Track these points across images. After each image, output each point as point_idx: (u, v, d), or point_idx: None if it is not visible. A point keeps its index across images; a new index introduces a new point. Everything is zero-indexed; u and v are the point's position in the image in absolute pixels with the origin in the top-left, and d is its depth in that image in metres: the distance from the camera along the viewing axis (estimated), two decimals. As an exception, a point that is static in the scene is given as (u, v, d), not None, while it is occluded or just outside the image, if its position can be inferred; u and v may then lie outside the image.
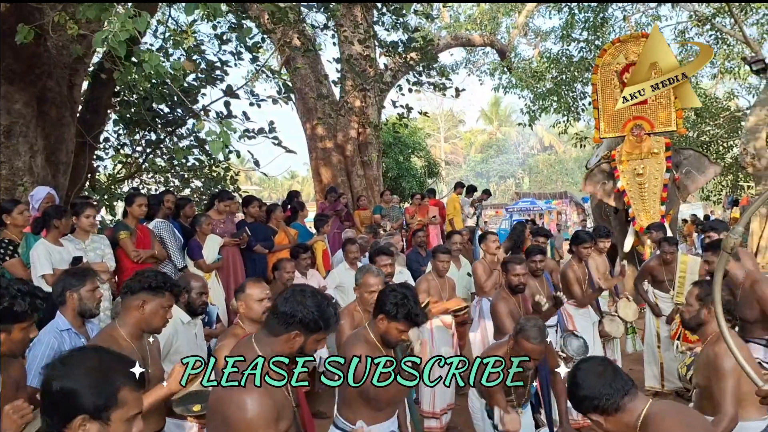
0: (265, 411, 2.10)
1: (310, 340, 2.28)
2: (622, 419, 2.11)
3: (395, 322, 3.01)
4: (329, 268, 7.52)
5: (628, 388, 2.14)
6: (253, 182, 43.08)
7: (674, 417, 2.06)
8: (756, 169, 10.99)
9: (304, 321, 2.24)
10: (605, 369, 2.19)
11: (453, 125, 52.77)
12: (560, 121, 15.68)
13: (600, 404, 2.11)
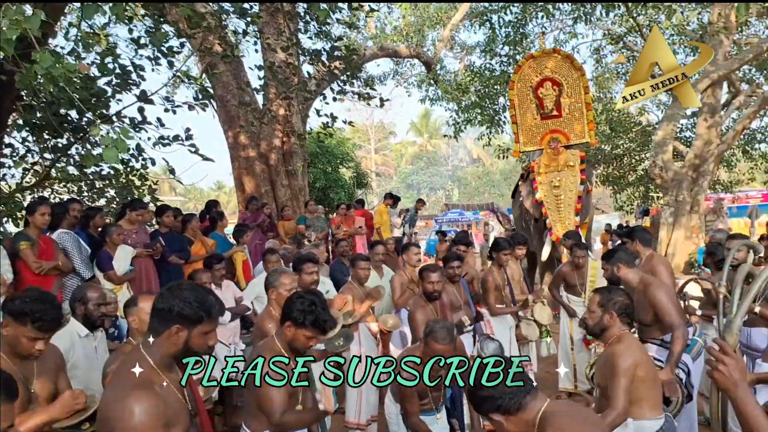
0: (151, 416, 2.02)
1: (194, 333, 2.20)
2: (523, 418, 2.11)
3: (303, 329, 2.99)
4: (250, 279, 7.38)
5: (529, 387, 2.14)
6: (178, 193, 41.96)
7: (569, 415, 2.09)
8: (663, 180, 11.57)
9: (182, 313, 2.17)
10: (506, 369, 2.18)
11: (384, 137, 53.14)
12: (484, 134, 16.04)
13: (503, 404, 2.10)
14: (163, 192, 40.29)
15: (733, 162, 17.79)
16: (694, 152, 11.64)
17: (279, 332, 3.09)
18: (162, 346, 2.20)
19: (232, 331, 6.19)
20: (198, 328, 2.20)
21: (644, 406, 3.23)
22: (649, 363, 3.34)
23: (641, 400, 3.22)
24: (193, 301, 2.20)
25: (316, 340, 3.08)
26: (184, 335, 2.19)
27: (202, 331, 2.22)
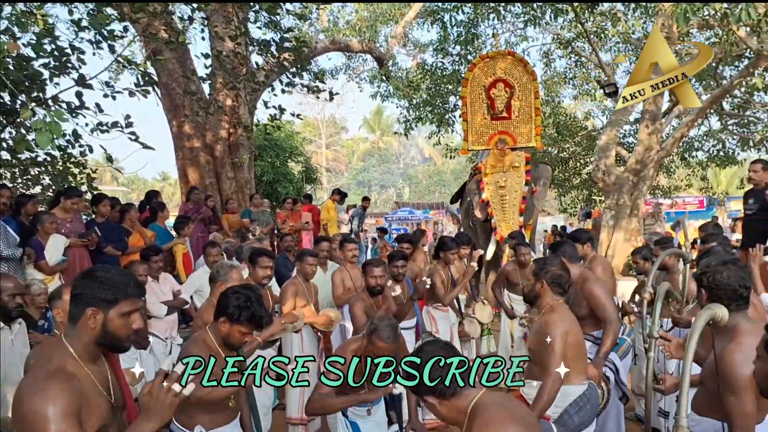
0: (58, 408, 1.93)
1: (111, 315, 2.11)
2: (456, 404, 2.14)
3: (238, 325, 2.94)
4: (191, 273, 7.22)
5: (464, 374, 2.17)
6: (120, 183, 40.82)
7: (499, 406, 2.11)
8: (606, 184, 11.87)
9: (95, 295, 2.10)
10: (447, 353, 2.19)
11: (335, 132, 52.92)
12: (435, 133, 16.14)
13: (439, 386, 2.12)
14: (105, 182, 39.12)
15: (672, 168, 18.40)
16: (635, 158, 11.97)
17: (213, 327, 3.04)
18: (81, 333, 2.12)
19: (169, 325, 6.04)
20: (114, 309, 2.11)
21: (570, 373, 3.36)
22: (579, 333, 3.49)
23: (568, 368, 3.34)
24: (105, 281, 2.12)
25: (251, 336, 3.04)
26: (100, 318, 2.10)
27: (120, 313, 2.12)
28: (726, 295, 2.64)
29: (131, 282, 2.20)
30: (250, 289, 3.08)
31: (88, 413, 2.04)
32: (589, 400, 3.43)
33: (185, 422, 2.95)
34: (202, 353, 2.90)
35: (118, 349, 2.23)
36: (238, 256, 7.08)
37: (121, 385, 2.29)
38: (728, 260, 2.76)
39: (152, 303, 5.75)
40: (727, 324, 2.61)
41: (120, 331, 2.14)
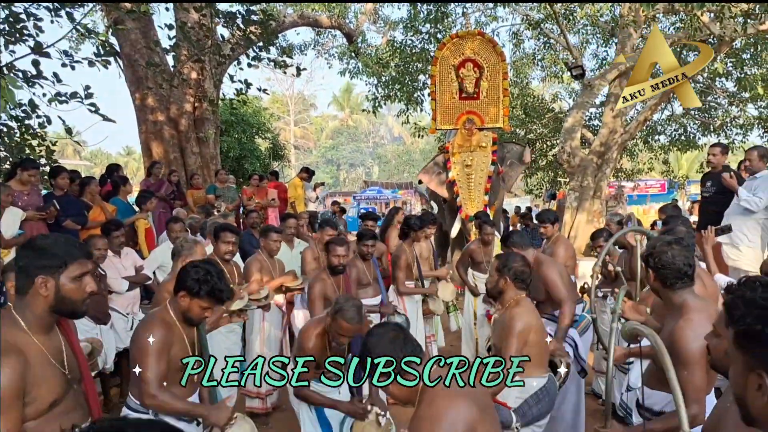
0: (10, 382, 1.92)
1: (63, 281, 2.11)
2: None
3: (198, 299, 2.91)
4: (153, 248, 7.12)
5: (417, 353, 2.21)
6: (83, 157, 39.89)
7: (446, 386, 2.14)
8: (570, 166, 12.01)
9: (41, 263, 2.08)
10: (397, 335, 2.23)
11: (304, 109, 52.41)
12: (404, 111, 16.10)
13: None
14: (67, 156, 38.19)
15: (635, 152, 18.70)
16: (599, 140, 12.12)
17: (173, 301, 3.00)
18: (32, 304, 2.10)
19: (131, 301, 5.97)
20: (65, 273, 2.11)
21: (530, 366, 3.43)
22: (541, 328, 3.57)
23: (530, 361, 3.41)
24: (49, 248, 2.11)
25: (211, 311, 3.01)
26: (52, 285, 2.09)
27: (71, 276, 2.12)
28: (671, 274, 2.72)
29: (75, 245, 2.19)
30: (211, 264, 3.05)
31: (38, 388, 2.02)
32: (548, 393, 3.53)
33: (139, 396, 2.90)
34: (159, 329, 2.87)
35: (74, 314, 2.22)
36: (202, 232, 7.00)
37: (77, 356, 2.27)
38: (672, 240, 2.84)
39: (113, 278, 5.67)
40: (674, 302, 2.74)
41: (74, 294, 2.13)
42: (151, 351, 2.79)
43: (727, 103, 15.60)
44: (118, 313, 5.79)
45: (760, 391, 1.18)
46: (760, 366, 1.18)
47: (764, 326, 1.17)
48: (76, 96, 6.46)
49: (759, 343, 1.18)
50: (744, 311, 1.22)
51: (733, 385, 1.30)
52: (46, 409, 2.06)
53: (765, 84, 12.70)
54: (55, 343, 2.18)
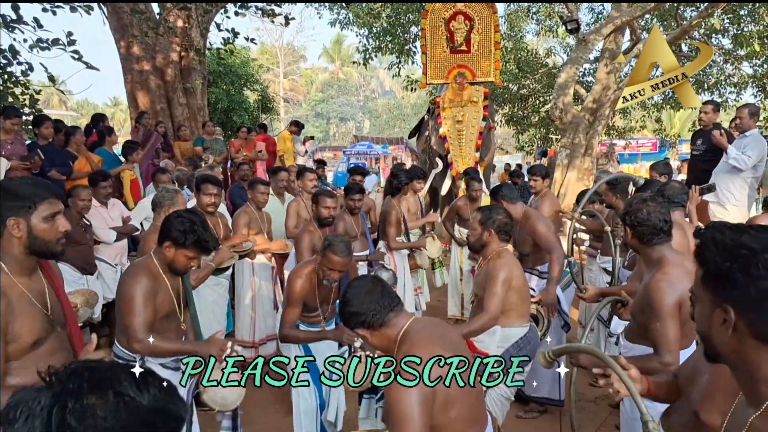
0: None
1: (34, 221, 2.11)
2: (386, 334, 2.22)
3: (184, 249, 2.90)
4: (139, 199, 7.06)
5: (394, 304, 2.25)
6: (69, 107, 39.22)
7: (426, 330, 2.20)
8: (562, 123, 11.92)
9: (9, 206, 2.09)
10: (374, 287, 2.26)
11: (294, 60, 51.54)
12: (395, 63, 15.84)
13: (367, 320, 2.20)
14: (52, 105, 37.52)
15: (627, 109, 18.58)
16: (592, 96, 12.00)
17: (157, 252, 2.98)
18: (7, 246, 2.11)
19: (118, 251, 5.96)
20: (35, 214, 2.11)
21: (512, 315, 3.56)
22: (522, 278, 3.64)
23: (510, 311, 3.54)
24: (15, 190, 2.11)
25: (197, 261, 3.00)
26: (23, 226, 2.10)
27: (42, 216, 2.12)
28: (647, 230, 2.77)
29: (41, 185, 2.19)
30: (195, 214, 3.03)
31: (18, 327, 2.06)
32: (529, 342, 3.61)
33: (125, 344, 2.92)
34: (144, 278, 2.88)
35: (51, 254, 2.23)
36: (189, 185, 6.94)
37: (60, 299, 2.29)
38: (648, 197, 2.87)
39: (100, 228, 5.64)
40: (652, 258, 2.79)
41: (47, 235, 2.13)
42: (136, 298, 2.81)
43: (722, 60, 15.45)
44: (106, 263, 5.79)
45: (724, 326, 1.27)
46: (725, 301, 1.26)
47: (732, 264, 1.24)
48: (58, 43, 6.30)
49: (726, 281, 1.26)
50: (713, 252, 1.29)
51: (698, 323, 1.38)
52: (27, 349, 2.09)
53: (762, 41, 12.57)
54: (37, 285, 2.20)
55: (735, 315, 1.24)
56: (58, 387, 0.85)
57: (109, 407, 0.84)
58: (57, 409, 0.82)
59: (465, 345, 2.42)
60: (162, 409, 0.90)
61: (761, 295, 1.20)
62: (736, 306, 1.24)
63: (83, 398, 0.84)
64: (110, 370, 0.89)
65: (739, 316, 1.24)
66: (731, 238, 1.27)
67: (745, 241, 1.24)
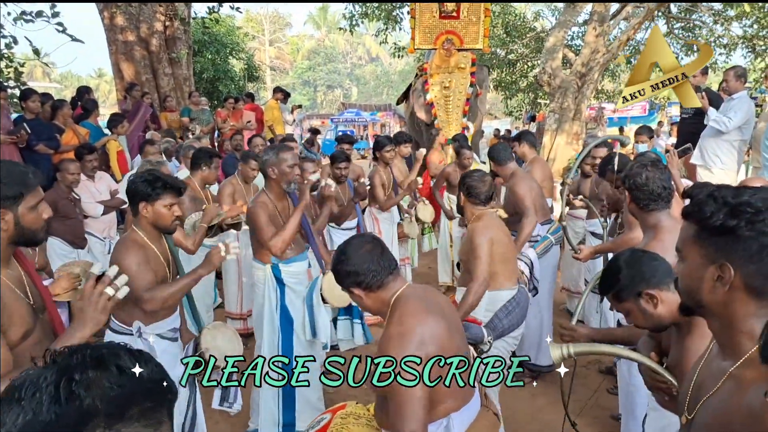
0: None
1: (22, 212, 2.02)
2: (380, 297, 2.18)
3: (158, 200, 2.86)
4: (126, 171, 7.02)
5: (393, 267, 2.20)
6: (53, 79, 38.59)
7: (419, 298, 2.17)
8: (551, 87, 11.91)
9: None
10: (375, 247, 2.19)
11: (279, 28, 50.80)
12: (382, 30, 15.65)
13: (365, 280, 2.15)
14: (36, 78, 36.90)
15: (616, 72, 18.52)
16: (581, 60, 11.97)
17: (136, 222, 2.94)
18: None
19: (107, 225, 5.96)
20: (22, 204, 2.02)
21: (498, 278, 3.54)
22: (505, 240, 3.62)
23: (496, 273, 3.53)
24: (3, 179, 1.99)
25: (178, 206, 2.95)
26: (11, 218, 2.01)
27: (29, 206, 2.04)
28: (645, 196, 2.77)
29: (29, 172, 2.08)
30: (149, 172, 2.99)
31: (10, 322, 1.99)
32: (519, 304, 3.59)
33: (123, 319, 2.92)
34: (133, 249, 2.84)
35: (35, 243, 2.16)
36: (177, 156, 6.91)
37: (37, 285, 2.23)
38: (647, 162, 2.86)
39: (88, 202, 5.62)
40: (649, 224, 2.80)
41: (34, 224, 2.06)
42: (131, 267, 2.76)
43: (712, 21, 15.37)
44: (94, 237, 5.79)
45: (719, 282, 1.30)
46: (723, 257, 1.28)
47: (738, 221, 1.26)
48: (42, 15, 6.18)
49: (729, 237, 1.28)
50: (714, 208, 1.30)
51: (684, 280, 1.41)
52: (18, 341, 2.03)
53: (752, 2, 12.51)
54: (15, 273, 2.12)
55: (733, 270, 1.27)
56: (63, 363, 0.88)
57: (113, 377, 0.87)
58: (64, 382, 0.84)
59: (455, 313, 2.40)
60: (159, 380, 0.93)
61: (763, 249, 1.24)
62: (735, 261, 1.27)
63: (88, 371, 0.87)
64: (109, 348, 0.93)
65: (737, 272, 1.27)
66: (732, 195, 1.29)
67: (749, 200, 1.27)
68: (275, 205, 3.77)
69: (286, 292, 3.84)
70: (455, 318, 2.34)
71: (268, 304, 3.81)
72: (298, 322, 3.84)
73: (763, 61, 14.31)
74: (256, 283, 3.93)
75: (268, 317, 3.79)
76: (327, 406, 3.48)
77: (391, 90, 47.72)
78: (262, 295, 3.86)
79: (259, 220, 3.64)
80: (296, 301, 3.88)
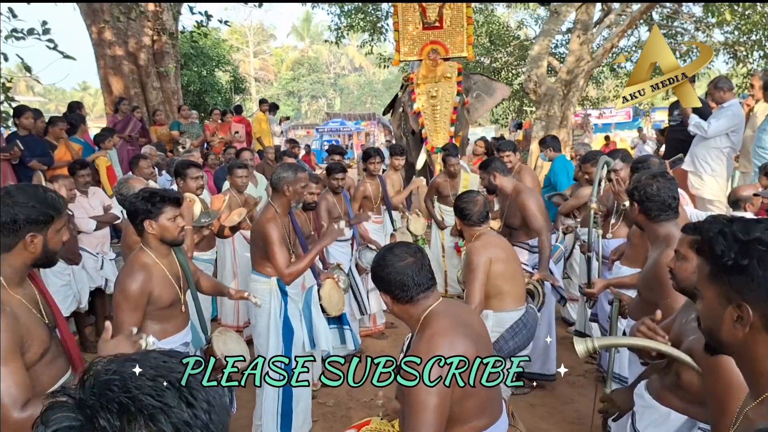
0: (4, 339, 1.88)
1: (50, 234, 2.09)
2: (409, 310, 2.18)
3: (160, 215, 2.86)
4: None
5: (428, 285, 2.18)
6: (36, 92, 38.32)
7: (449, 317, 2.15)
8: (537, 95, 12.03)
9: (30, 219, 2.02)
10: (414, 261, 2.17)
11: (263, 39, 50.82)
12: (367, 41, 15.75)
13: (395, 292, 2.15)
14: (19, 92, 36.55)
15: (600, 79, 18.72)
16: (566, 68, 12.11)
17: (143, 240, 2.94)
18: (12, 260, 2.05)
19: (100, 240, 5.93)
20: (51, 227, 2.09)
21: (504, 299, 3.52)
22: (506, 259, 3.55)
23: (501, 294, 3.51)
24: (35, 202, 2.04)
25: (181, 217, 2.97)
26: (40, 241, 2.06)
27: (56, 229, 2.11)
28: (655, 206, 2.78)
29: (56, 196, 2.14)
30: (143, 190, 3.02)
31: (30, 342, 2.01)
32: (525, 326, 3.57)
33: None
34: (139, 275, 2.82)
35: (51, 264, 2.20)
36: (169, 170, 6.92)
37: (49, 303, 2.25)
38: (657, 173, 2.89)
39: (81, 218, 5.61)
40: (659, 234, 2.82)
41: (56, 246, 2.13)
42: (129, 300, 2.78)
43: (693, 28, 15.62)
44: (88, 252, 5.76)
45: (739, 322, 1.23)
46: (740, 298, 1.22)
47: (751, 259, 1.20)
48: (33, 32, 6.18)
49: (742, 276, 1.22)
50: (726, 245, 1.24)
51: (705, 320, 1.35)
52: (37, 360, 2.04)
53: (732, 8, 12.73)
54: (30, 293, 2.15)
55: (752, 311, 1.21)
56: None
57: None
58: None
59: (486, 331, 2.38)
60: None
61: None
62: (751, 301, 1.21)
63: None
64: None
65: (755, 311, 1.21)
66: (743, 231, 1.23)
67: (761, 236, 1.21)
68: (281, 220, 3.83)
69: (288, 303, 3.89)
70: (485, 336, 2.34)
71: (273, 316, 3.84)
72: (297, 334, 3.88)
73: (744, 66, 14.54)
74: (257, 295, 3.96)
75: (273, 329, 3.82)
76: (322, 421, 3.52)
77: (375, 99, 47.86)
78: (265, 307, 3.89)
79: (272, 240, 3.69)
80: (295, 312, 3.94)
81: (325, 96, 54.29)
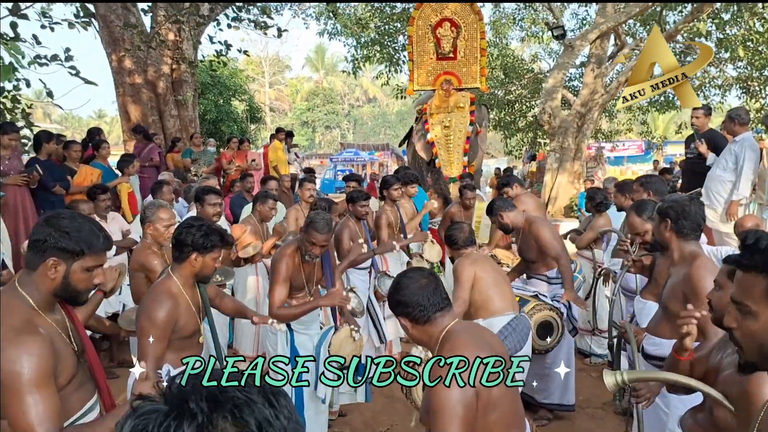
0: (39, 364, 1.85)
1: (74, 268, 2.02)
2: (427, 331, 2.22)
3: (210, 253, 2.91)
4: (137, 213, 7.06)
5: (443, 305, 2.23)
6: (53, 120, 38.94)
7: (468, 334, 2.21)
8: (551, 126, 12.09)
9: (58, 245, 1.97)
10: (429, 283, 2.24)
11: (278, 70, 51.56)
12: (383, 73, 15.94)
13: (412, 312, 2.20)
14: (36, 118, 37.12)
15: (613, 112, 18.79)
16: (580, 101, 12.19)
17: (177, 269, 2.93)
18: (38, 283, 2.01)
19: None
20: (78, 262, 2.01)
21: (490, 306, 3.71)
22: (489, 269, 3.84)
23: (487, 301, 3.71)
24: (71, 231, 1.99)
25: (220, 261, 3.02)
26: (62, 270, 2.00)
27: (84, 267, 2.03)
28: (690, 225, 2.93)
29: (101, 235, 2.07)
30: (198, 219, 3.07)
31: (61, 368, 1.98)
32: (515, 330, 3.70)
33: None
34: (167, 304, 2.79)
35: (75, 303, 2.15)
36: (186, 196, 6.97)
37: (78, 329, 2.22)
38: (691, 197, 3.05)
39: (100, 243, 5.62)
40: (686, 251, 2.92)
41: (80, 285, 2.05)
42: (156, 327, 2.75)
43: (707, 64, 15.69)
44: (105, 278, 5.78)
45: None
46: None
47: None
48: (56, 59, 6.31)
49: None
50: None
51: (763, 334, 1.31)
52: (65, 385, 2.02)
53: (745, 45, 12.80)
54: (60, 319, 2.12)
55: None
56: None
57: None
58: None
59: (503, 348, 2.41)
60: None
61: None
62: None
63: None
64: None
65: None
66: None
67: None
68: (300, 260, 3.89)
69: (295, 335, 3.92)
70: (503, 353, 2.34)
71: (280, 343, 3.92)
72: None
73: (757, 101, 14.56)
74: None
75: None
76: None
77: (389, 130, 48.21)
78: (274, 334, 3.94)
79: (277, 273, 3.79)
80: (307, 344, 3.94)
81: (339, 126, 54.77)
